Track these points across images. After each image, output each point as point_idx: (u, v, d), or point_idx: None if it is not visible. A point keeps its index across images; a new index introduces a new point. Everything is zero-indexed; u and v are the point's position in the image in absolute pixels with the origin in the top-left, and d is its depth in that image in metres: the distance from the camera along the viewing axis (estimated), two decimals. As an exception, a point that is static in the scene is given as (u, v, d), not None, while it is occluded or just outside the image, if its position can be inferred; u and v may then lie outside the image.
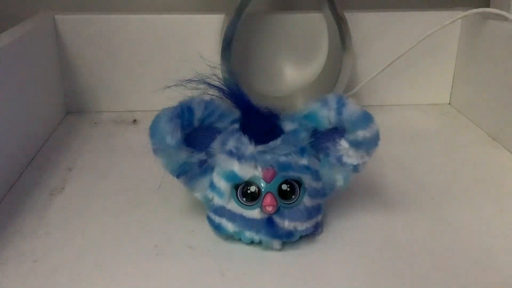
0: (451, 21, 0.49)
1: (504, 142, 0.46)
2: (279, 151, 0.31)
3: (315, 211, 0.32)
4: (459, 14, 0.50)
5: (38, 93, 0.46)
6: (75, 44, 0.51)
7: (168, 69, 0.51)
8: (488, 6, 0.55)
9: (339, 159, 0.32)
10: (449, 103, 0.57)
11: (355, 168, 0.33)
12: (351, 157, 0.32)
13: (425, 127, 0.51)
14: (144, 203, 0.37)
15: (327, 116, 0.31)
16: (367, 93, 0.55)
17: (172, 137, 0.30)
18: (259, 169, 0.31)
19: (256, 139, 0.31)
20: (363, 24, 0.52)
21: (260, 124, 0.32)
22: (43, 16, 0.49)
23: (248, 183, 0.31)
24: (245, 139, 0.31)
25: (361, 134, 0.31)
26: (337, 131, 0.32)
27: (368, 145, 0.32)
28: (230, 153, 0.31)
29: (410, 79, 0.55)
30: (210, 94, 0.32)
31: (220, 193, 0.32)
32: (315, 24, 0.52)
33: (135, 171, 0.41)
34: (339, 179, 0.33)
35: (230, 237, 0.32)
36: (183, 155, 0.31)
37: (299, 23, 0.52)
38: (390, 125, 0.51)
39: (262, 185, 0.31)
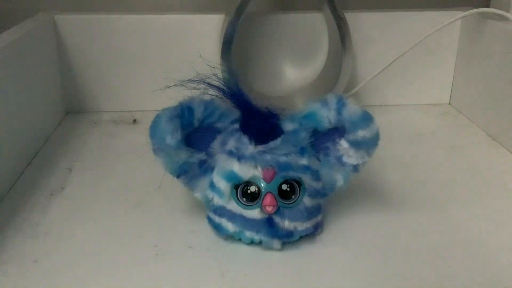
0: (451, 21, 0.49)
1: (504, 142, 0.46)
2: (279, 151, 0.31)
3: (315, 211, 0.32)
4: (459, 14, 0.50)
5: (38, 93, 0.46)
6: (75, 44, 0.51)
7: (168, 69, 0.51)
8: (488, 6, 0.55)
9: (339, 159, 0.32)
10: (449, 103, 0.57)
11: (355, 168, 0.33)
12: (351, 157, 0.32)
13: (425, 127, 0.51)
14: (144, 203, 0.37)
15: (327, 116, 0.31)
16: (367, 93, 0.55)
17: (172, 137, 0.30)
18: (259, 169, 0.31)
19: (256, 139, 0.31)
20: (363, 24, 0.52)
21: (260, 124, 0.32)
22: (43, 16, 0.49)
23: (248, 183, 0.31)
24: (245, 139, 0.31)
25: (361, 134, 0.31)
26: (337, 131, 0.32)
27: (368, 145, 0.32)
28: (230, 153, 0.31)
29: (410, 79, 0.55)
30: (210, 94, 0.32)
31: (220, 193, 0.31)
32: (315, 24, 0.52)
33: (135, 171, 0.41)
34: (339, 179, 0.33)
35: (230, 237, 0.32)
36: (183, 155, 0.31)
37: (299, 23, 0.52)
38: (390, 125, 0.51)
39: (262, 185, 0.31)
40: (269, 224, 0.31)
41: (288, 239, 0.32)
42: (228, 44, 0.46)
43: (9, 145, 0.39)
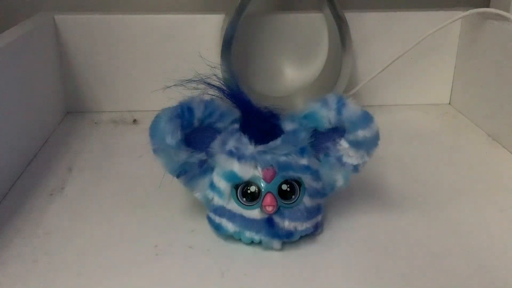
0: (451, 21, 0.49)
1: (504, 142, 0.46)
2: (279, 151, 0.31)
3: (315, 211, 0.32)
4: (459, 14, 0.50)
5: (38, 93, 0.46)
6: (75, 44, 0.51)
7: (168, 69, 0.51)
8: (488, 6, 0.55)
9: (339, 159, 0.32)
10: (449, 103, 0.57)
11: (355, 168, 0.33)
12: (351, 157, 0.32)
13: (425, 127, 0.51)
14: (144, 203, 0.37)
15: (327, 116, 0.31)
16: (367, 93, 0.55)
17: (172, 137, 0.30)
18: (259, 169, 0.31)
19: (256, 139, 0.31)
20: (363, 24, 0.52)
21: (260, 124, 0.32)
22: (43, 16, 0.49)
23: (248, 183, 0.31)
24: (245, 139, 0.31)
25: (361, 134, 0.31)
26: (337, 131, 0.32)
27: (368, 145, 0.32)
28: (230, 153, 0.31)
29: (410, 79, 0.55)
30: (210, 94, 0.32)
31: (220, 193, 0.32)
32: (315, 24, 0.52)
33: (135, 171, 0.41)
34: (339, 179, 0.33)
35: (230, 237, 0.32)
36: (183, 155, 0.31)
37: (299, 23, 0.52)
38: (390, 125, 0.51)
39: (262, 185, 0.31)
40: (269, 224, 0.31)
41: (288, 239, 0.32)
42: (228, 44, 0.46)
43: (9, 145, 0.39)
